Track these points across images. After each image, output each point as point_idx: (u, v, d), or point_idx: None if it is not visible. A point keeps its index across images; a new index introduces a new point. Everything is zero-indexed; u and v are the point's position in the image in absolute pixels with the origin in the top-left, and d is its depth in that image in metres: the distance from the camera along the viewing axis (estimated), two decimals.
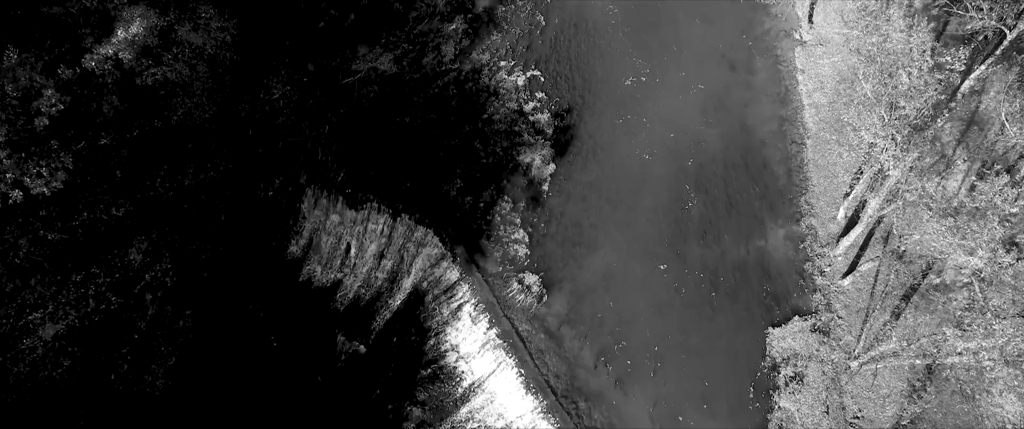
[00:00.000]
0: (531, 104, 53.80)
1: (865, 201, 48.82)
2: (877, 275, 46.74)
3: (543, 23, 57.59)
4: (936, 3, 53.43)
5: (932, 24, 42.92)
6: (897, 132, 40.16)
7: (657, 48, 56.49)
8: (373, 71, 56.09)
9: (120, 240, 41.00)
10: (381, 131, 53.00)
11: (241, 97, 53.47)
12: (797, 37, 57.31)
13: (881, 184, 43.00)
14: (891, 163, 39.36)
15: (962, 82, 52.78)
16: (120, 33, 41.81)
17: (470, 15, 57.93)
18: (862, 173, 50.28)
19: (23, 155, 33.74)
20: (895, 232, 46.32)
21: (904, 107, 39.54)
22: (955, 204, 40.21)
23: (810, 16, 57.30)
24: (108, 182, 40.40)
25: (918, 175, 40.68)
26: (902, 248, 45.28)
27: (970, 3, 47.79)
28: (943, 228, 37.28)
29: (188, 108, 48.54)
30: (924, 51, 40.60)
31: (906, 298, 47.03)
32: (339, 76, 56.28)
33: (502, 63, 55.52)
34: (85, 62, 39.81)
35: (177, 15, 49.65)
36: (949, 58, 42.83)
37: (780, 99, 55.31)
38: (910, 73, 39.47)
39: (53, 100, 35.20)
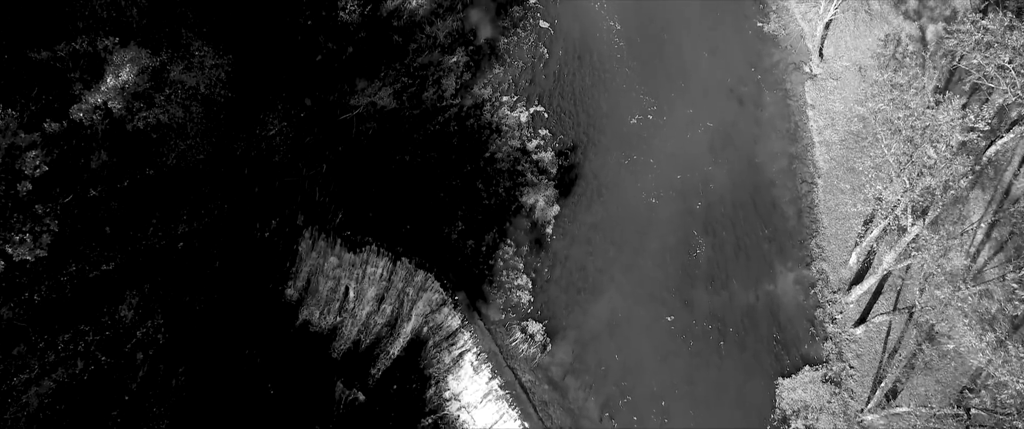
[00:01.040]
0: (534, 142, 52.41)
1: (877, 245, 47.58)
2: (890, 328, 45.53)
3: (546, 55, 56.14)
4: (964, 78, 51.39)
5: (961, 97, 40.82)
6: (920, 197, 38.58)
7: (664, 81, 55.08)
8: (372, 106, 54.69)
9: (110, 296, 39.66)
10: (380, 170, 51.62)
11: (236, 135, 52.09)
12: (807, 70, 55.88)
13: (898, 238, 41.68)
14: (910, 220, 38.01)
15: (988, 147, 51.33)
16: (110, 79, 40.36)
17: (471, 47, 56.45)
18: (874, 216, 49.03)
19: (4, 222, 32.29)
20: (917, 305, 44.59)
21: (929, 179, 37.89)
22: (994, 311, 38.78)
23: (821, 50, 55.81)
24: (97, 237, 39.04)
25: (935, 231, 39.31)
26: (922, 319, 43.62)
27: (1001, 77, 45.82)
28: (984, 345, 35.76)
29: (181, 151, 47.16)
30: (953, 128, 38.65)
31: (919, 358, 45.70)
32: (337, 111, 54.86)
33: (504, 98, 54.10)
34: (73, 113, 38.35)
35: (170, 54, 48.23)
36: (972, 117, 41.33)
37: (790, 135, 53.93)
38: (937, 148, 37.60)
39: (37, 161, 33.73)
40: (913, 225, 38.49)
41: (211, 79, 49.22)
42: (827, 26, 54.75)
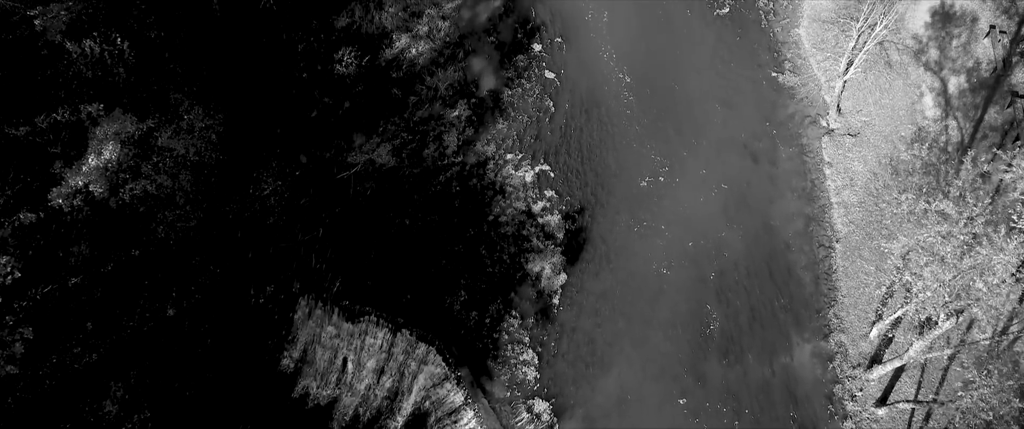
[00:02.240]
0: (540, 204, 50.19)
1: (899, 320, 45.51)
2: (912, 415, 43.54)
3: (552, 109, 53.83)
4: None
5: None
6: (958, 295, 36.00)
7: (675, 138, 52.82)
8: (370, 164, 52.40)
9: (93, 390, 37.63)
10: (379, 234, 49.44)
11: (229, 197, 49.83)
12: (824, 125, 53.59)
13: (925, 329, 39.55)
14: (942, 316, 35.86)
15: None
16: (92, 158, 38.13)
17: (474, 99, 54.09)
18: (894, 286, 46.96)
19: None
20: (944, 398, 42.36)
21: (975, 310, 35.30)
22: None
23: (838, 104, 53.44)
24: (79, 330, 36.95)
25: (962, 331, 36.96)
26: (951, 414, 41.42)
27: None
28: None
29: (170, 222, 44.95)
30: (1009, 267, 35.47)
31: None
32: (334, 169, 52.57)
33: (509, 156, 51.82)
34: (52, 198, 36.17)
35: (157, 119, 46.00)
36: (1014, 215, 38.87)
37: (806, 195, 51.77)
38: (987, 281, 34.53)
39: (9, 267, 31.61)
40: (946, 321, 36.38)
41: (201, 143, 46.97)
42: (844, 79, 52.42)
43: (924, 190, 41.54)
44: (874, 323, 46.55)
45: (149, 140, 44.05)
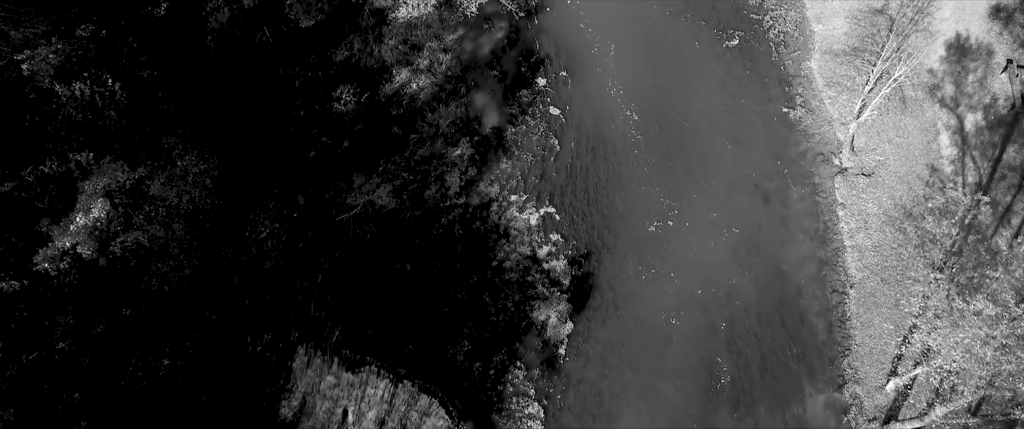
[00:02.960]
0: (545, 249, 48.76)
1: (917, 376, 44.20)
2: None
3: (557, 147, 52.34)
4: None
5: None
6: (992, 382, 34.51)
7: (684, 177, 51.36)
8: (370, 206, 50.92)
9: None
10: (380, 280, 48.03)
11: (224, 241, 48.38)
12: (837, 163, 52.11)
13: (950, 397, 38.20)
14: (970, 389, 34.41)
15: None
16: (81, 214, 36.53)
17: (477, 137, 52.58)
18: (913, 337, 45.63)
19: None
20: None
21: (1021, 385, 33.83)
22: None
23: (851, 142, 51.95)
24: (65, 399, 35.53)
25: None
26: None
27: None
28: None
29: (163, 274, 43.47)
30: None
31: None
32: (333, 211, 51.08)
33: (513, 197, 50.37)
34: (37, 263, 34.69)
35: (150, 167, 44.47)
36: None
37: (818, 237, 50.35)
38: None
39: None
40: (973, 393, 34.99)
41: (196, 189, 45.46)
42: (859, 116, 50.89)
43: (950, 272, 39.85)
44: (891, 375, 45.21)
45: (141, 189, 42.55)
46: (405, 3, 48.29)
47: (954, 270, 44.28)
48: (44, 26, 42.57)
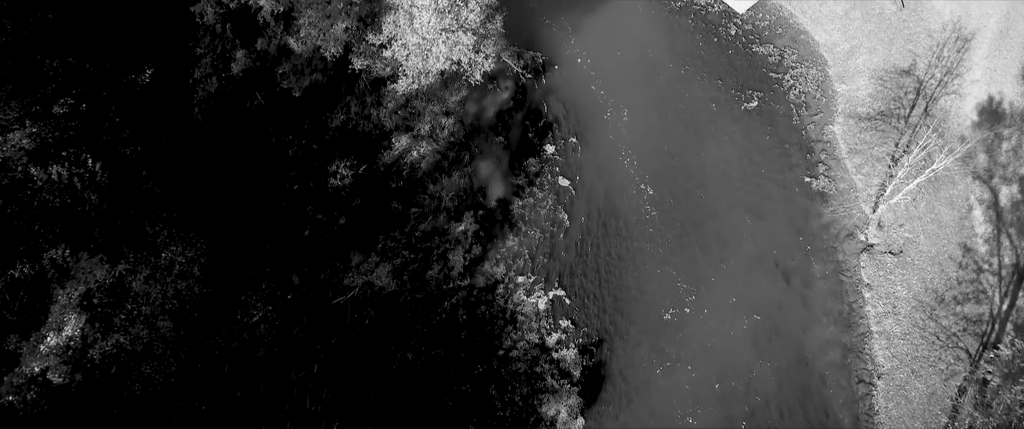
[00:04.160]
0: (555, 336, 45.95)
1: None
2: None
3: (566, 222, 49.40)
4: None
5: None
6: None
7: (701, 256, 48.46)
8: (368, 287, 47.99)
9: None
10: (379, 371, 45.23)
11: (215, 328, 45.55)
12: (862, 239, 49.21)
13: None
14: None
15: None
16: (52, 333, 33.59)
17: (481, 211, 49.63)
18: None
19: None
20: None
21: None
22: None
23: (878, 218, 48.73)
24: None
25: None
26: None
27: None
28: None
29: (147, 376, 40.63)
30: None
31: None
32: (329, 293, 48.11)
33: (520, 278, 47.48)
34: (2, 395, 31.86)
35: (132, 261, 41.46)
36: None
37: (842, 321, 47.57)
38: None
39: None
40: None
41: (183, 282, 42.54)
42: (890, 198, 47.79)
43: (986, 368, 37.30)
44: None
45: (122, 286, 39.68)
46: (404, 75, 45.25)
47: (991, 367, 41.60)
48: (16, 112, 39.57)
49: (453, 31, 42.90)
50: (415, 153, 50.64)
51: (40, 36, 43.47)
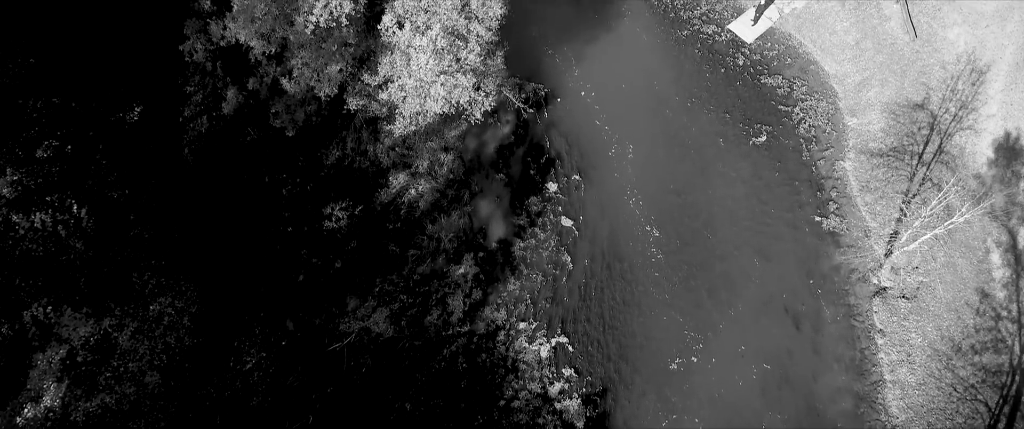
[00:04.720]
0: (557, 386, 44.42)
1: None
2: None
3: (570, 265, 47.83)
4: None
5: None
6: None
7: (707, 301, 46.86)
8: (365, 333, 46.45)
9: None
10: (376, 422, 43.63)
11: (207, 377, 44.01)
12: (875, 282, 47.58)
13: None
14: None
15: None
16: (29, 402, 32.07)
17: (482, 253, 48.06)
18: None
19: None
20: None
21: None
22: None
23: (892, 261, 47.27)
24: None
25: None
26: None
27: None
28: None
29: None
30: None
31: None
32: (325, 339, 46.59)
33: (521, 324, 45.94)
34: None
35: (118, 315, 39.92)
36: None
37: (854, 369, 46.03)
38: None
39: None
40: None
41: (171, 335, 41.03)
42: (897, 231, 46.38)
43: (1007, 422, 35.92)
44: None
45: (108, 343, 38.17)
46: (401, 116, 43.60)
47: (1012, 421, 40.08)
48: None
49: (452, 73, 41.23)
50: (413, 191, 49.04)
51: (21, 80, 41.86)
